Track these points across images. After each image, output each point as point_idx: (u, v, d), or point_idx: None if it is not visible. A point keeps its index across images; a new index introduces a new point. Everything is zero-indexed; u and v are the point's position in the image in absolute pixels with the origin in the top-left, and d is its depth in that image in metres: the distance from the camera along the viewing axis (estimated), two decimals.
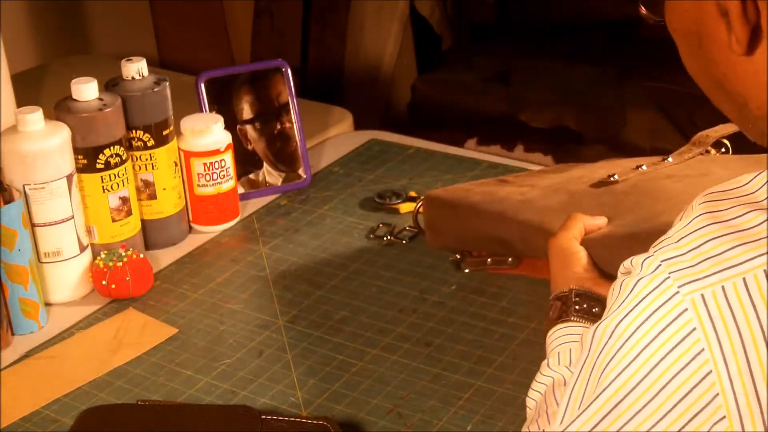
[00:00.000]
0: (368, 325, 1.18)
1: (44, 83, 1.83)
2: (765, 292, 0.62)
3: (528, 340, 1.13)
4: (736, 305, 0.63)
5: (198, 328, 1.19)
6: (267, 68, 1.48)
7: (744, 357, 0.62)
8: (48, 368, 1.13)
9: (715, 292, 0.63)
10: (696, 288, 0.64)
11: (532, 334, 1.14)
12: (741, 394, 0.63)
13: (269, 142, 1.47)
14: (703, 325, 0.63)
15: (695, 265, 0.64)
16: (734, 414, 0.63)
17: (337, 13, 2.58)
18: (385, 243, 1.34)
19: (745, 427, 0.63)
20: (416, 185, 1.48)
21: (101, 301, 1.24)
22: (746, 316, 0.62)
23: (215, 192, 1.37)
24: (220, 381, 1.09)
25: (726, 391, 0.63)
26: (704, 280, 0.64)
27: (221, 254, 1.34)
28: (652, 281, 0.66)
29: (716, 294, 0.63)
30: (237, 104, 1.46)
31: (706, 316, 0.63)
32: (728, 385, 0.63)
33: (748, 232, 0.64)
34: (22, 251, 1.16)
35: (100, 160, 1.24)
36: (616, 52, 2.57)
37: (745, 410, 0.63)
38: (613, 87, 2.39)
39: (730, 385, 0.63)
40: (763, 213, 0.64)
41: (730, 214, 0.65)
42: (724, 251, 0.64)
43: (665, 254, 0.66)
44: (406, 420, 1.03)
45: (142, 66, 1.30)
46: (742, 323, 0.63)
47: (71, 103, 1.23)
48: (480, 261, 1.17)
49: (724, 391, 0.63)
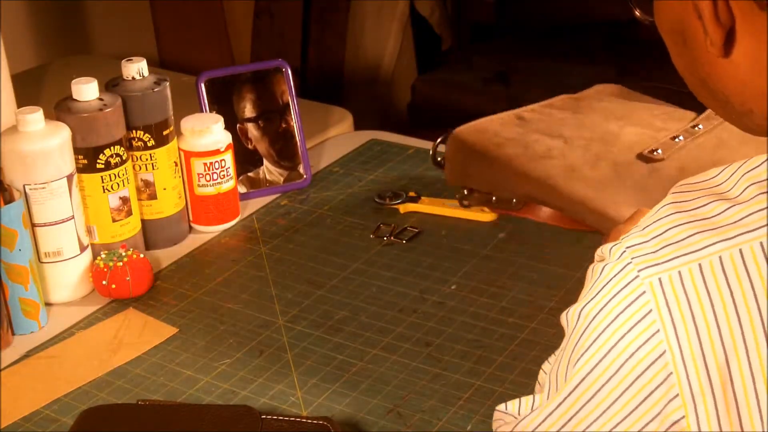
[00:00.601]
0: (368, 325, 1.18)
1: (44, 83, 1.83)
2: (720, 277, 0.65)
3: (528, 340, 1.13)
4: (691, 290, 0.65)
5: (198, 328, 1.19)
6: (267, 68, 1.48)
7: (697, 339, 0.65)
8: (48, 368, 1.13)
9: (671, 276, 0.66)
10: (655, 272, 0.67)
11: (532, 334, 1.14)
12: (693, 374, 0.65)
13: (270, 141, 1.48)
14: (659, 308, 0.66)
15: (656, 251, 0.67)
16: (687, 392, 0.66)
17: (337, 13, 2.58)
18: (385, 243, 1.34)
19: (697, 406, 0.66)
20: (416, 185, 1.48)
21: (101, 301, 1.24)
22: (700, 300, 0.65)
23: (215, 192, 1.37)
24: (220, 381, 1.09)
25: (679, 371, 0.66)
26: (663, 265, 0.66)
27: (221, 254, 1.34)
28: (615, 266, 0.69)
29: (673, 278, 0.66)
30: (237, 103, 1.46)
31: (662, 299, 0.66)
32: (681, 365, 0.66)
33: (710, 220, 0.66)
34: (22, 251, 1.16)
35: (101, 160, 1.24)
36: (616, 52, 2.57)
37: (697, 389, 0.65)
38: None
39: (683, 365, 0.65)
40: (725, 203, 0.67)
41: (694, 204, 0.68)
42: (684, 238, 0.67)
43: (630, 241, 0.69)
44: (406, 420, 1.03)
45: (142, 66, 1.30)
46: (696, 307, 0.65)
47: (71, 103, 1.23)
48: (486, 199, 1.21)
49: (677, 371, 0.66)
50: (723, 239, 0.65)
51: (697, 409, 0.66)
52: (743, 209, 0.66)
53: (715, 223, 0.66)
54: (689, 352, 0.65)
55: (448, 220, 1.39)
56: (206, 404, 1.05)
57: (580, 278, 1.23)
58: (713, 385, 0.65)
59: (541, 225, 1.33)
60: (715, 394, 0.65)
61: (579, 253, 1.29)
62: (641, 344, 0.67)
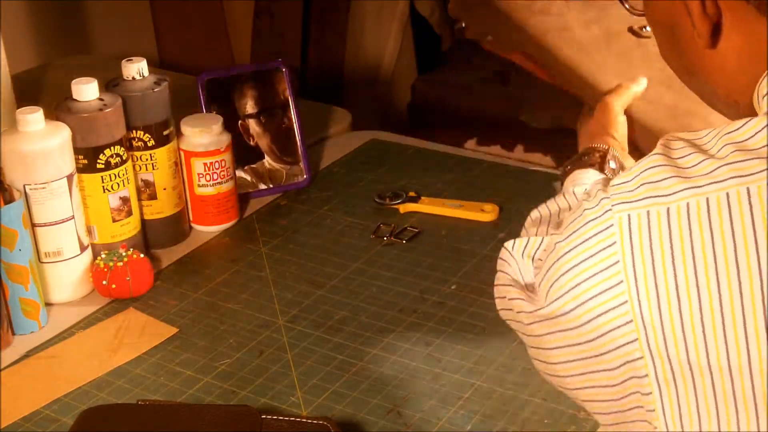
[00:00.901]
0: (368, 325, 1.18)
1: (44, 83, 1.83)
2: (684, 223, 0.69)
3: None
4: (655, 230, 0.70)
5: (198, 328, 1.19)
6: (267, 68, 1.48)
7: (652, 276, 0.70)
8: (48, 368, 1.13)
9: (640, 214, 0.71)
10: (626, 209, 0.71)
11: None
12: (646, 307, 0.70)
13: (271, 137, 1.48)
14: (622, 240, 0.71)
15: (633, 190, 0.72)
16: (639, 321, 0.71)
17: (337, 13, 2.58)
18: (385, 243, 1.34)
19: (648, 336, 0.70)
20: (416, 185, 1.48)
21: (101, 301, 1.24)
22: (661, 240, 0.70)
23: (215, 192, 1.37)
24: (220, 381, 1.09)
25: (633, 302, 0.71)
26: (635, 203, 0.71)
27: (221, 254, 1.34)
28: (595, 199, 0.74)
29: (641, 216, 0.71)
30: (238, 101, 1.46)
31: (627, 233, 0.71)
32: (635, 296, 0.71)
33: (687, 170, 0.70)
34: (22, 251, 1.16)
35: (101, 160, 1.24)
36: None
37: (648, 320, 0.70)
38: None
39: (637, 296, 0.71)
40: (701, 155, 0.71)
41: (677, 154, 0.72)
42: (659, 180, 0.71)
43: (616, 180, 0.74)
44: (406, 420, 1.03)
45: (142, 66, 1.30)
46: (656, 246, 0.70)
47: (71, 103, 1.23)
48: (482, 35, 1.28)
49: (632, 302, 0.71)
50: (692, 186, 0.69)
51: (648, 338, 0.70)
52: (715, 162, 0.70)
53: (690, 172, 0.70)
54: (644, 286, 0.70)
55: (448, 220, 1.39)
56: (206, 404, 1.05)
57: None
58: (665, 327, 0.70)
59: None
60: (663, 324, 0.70)
61: None
62: (600, 270, 0.72)
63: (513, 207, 1.41)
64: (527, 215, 1.35)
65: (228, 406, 1.04)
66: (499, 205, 1.40)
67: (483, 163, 1.55)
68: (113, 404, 1.06)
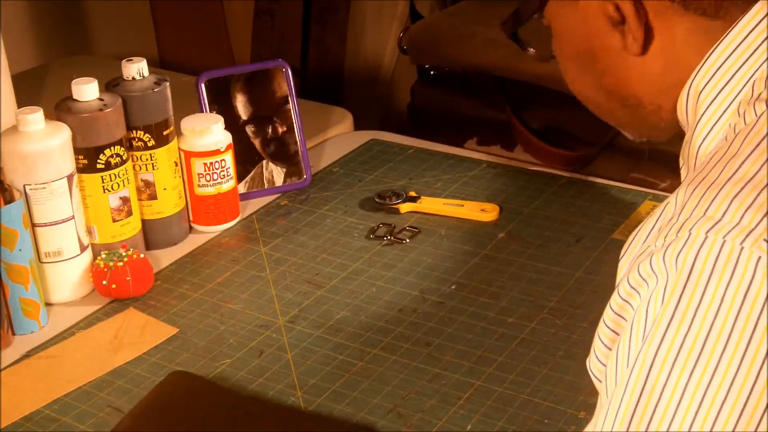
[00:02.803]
0: (368, 325, 1.18)
1: (44, 83, 1.83)
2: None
3: (528, 340, 1.13)
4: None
5: (198, 328, 1.19)
6: (267, 68, 1.48)
7: None
8: (48, 368, 1.13)
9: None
10: (754, 240, 0.65)
11: (532, 334, 1.14)
12: None
13: (270, 139, 1.48)
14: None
15: (738, 223, 0.66)
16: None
17: (337, 13, 2.58)
18: (385, 243, 1.34)
19: None
20: (416, 185, 1.48)
21: (102, 301, 1.24)
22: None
23: (215, 192, 1.37)
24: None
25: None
26: (755, 233, 0.66)
27: (221, 254, 1.34)
28: (711, 250, 0.66)
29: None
30: (238, 102, 1.46)
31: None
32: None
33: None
34: (22, 251, 1.16)
35: (101, 160, 1.24)
36: None
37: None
38: None
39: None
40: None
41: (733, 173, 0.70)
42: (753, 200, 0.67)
43: (704, 226, 0.67)
44: (406, 420, 1.03)
45: (142, 66, 1.30)
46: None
47: (72, 104, 1.23)
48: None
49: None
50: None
51: None
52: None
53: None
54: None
55: (448, 220, 1.39)
56: (295, 409, 1.04)
57: (580, 278, 1.24)
58: None
59: (541, 225, 1.34)
60: None
61: (579, 253, 1.29)
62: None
63: (513, 207, 1.41)
64: (527, 215, 1.36)
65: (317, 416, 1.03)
66: (499, 205, 1.40)
67: (483, 163, 1.55)
68: (199, 377, 1.07)
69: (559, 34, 0.87)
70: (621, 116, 0.88)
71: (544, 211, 1.40)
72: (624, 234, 1.33)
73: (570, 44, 0.86)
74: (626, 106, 0.86)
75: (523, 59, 1.30)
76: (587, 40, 0.83)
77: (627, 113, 0.87)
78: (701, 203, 0.69)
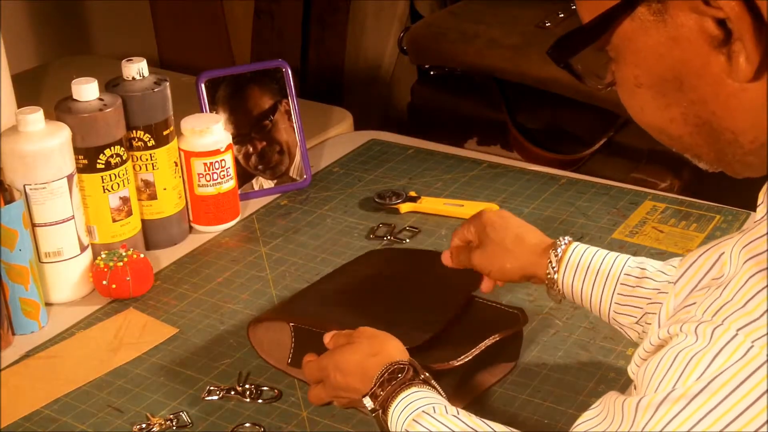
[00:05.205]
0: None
1: (44, 83, 1.83)
2: None
3: (528, 339, 1.13)
4: None
5: (198, 328, 1.19)
6: (267, 68, 1.48)
7: None
8: (48, 368, 1.13)
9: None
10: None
11: (532, 334, 1.14)
12: None
13: (270, 139, 1.48)
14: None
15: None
16: None
17: (337, 13, 2.58)
18: (385, 243, 1.34)
19: None
20: (416, 185, 1.48)
21: (102, 301, 1.24)
22: None
23: (215, 192, 1.37)
24: (220, 381, 1.09)
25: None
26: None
27: (221, 254, 1.34)
28: (735, 352, 0.65)
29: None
30: (238, 102, 1.46)
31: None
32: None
33: None
34: (22, 251, 1.16)
35: (101, 160, 1.24)
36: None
37: None
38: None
39: None
40: None
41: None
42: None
43: (738, 322, 0.65)
44: None
45: (142, 66, 1.30)
46: None
47: (72, 104, 1.23)
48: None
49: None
50: None
51: None
52: None
53: None
54: None
55: (448, 220, 1.39)
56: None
57: None
58: None
59: (541, 225, 1.34)
60: None
61: None
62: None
63: (513, 207, 1.41)
64: (527, 215, 1.35)
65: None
66: (499, 205, 1.40)
67: (483, 163, 1.55)
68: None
69: (632, 61, 0.73)
70: (706, 153, 0.75)
71: (544, 211, 1.40)
72: (624, 234, 1.33)
73: (648, 71, 0.73)
74: (717, 142, 0.72)
75: (523, 60, 1.29)
76: (675, 66, 0.70)
77: (713, 151, 0.74)
78: (747, 287, 0.67)
